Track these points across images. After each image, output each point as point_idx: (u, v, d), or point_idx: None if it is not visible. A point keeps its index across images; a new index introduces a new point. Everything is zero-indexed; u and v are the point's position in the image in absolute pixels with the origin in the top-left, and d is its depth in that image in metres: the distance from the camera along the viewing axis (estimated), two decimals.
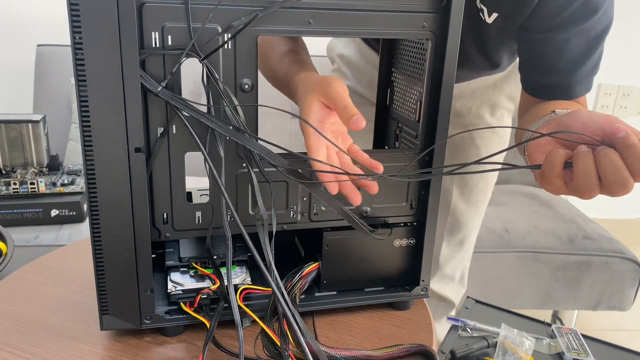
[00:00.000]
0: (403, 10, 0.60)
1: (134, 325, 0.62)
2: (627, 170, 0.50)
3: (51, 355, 0.61)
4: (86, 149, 0.54)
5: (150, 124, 0.57)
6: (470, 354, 0.74)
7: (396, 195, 0.68)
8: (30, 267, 0.79)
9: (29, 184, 1.43)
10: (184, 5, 0.54)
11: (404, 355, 0.63)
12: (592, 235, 1.66)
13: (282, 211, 0.65)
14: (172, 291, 0.64)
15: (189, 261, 0.67)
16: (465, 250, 1.11)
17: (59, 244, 1.38)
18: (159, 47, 0.54)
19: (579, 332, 0.79)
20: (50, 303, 0.70)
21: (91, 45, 0.51)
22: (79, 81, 0.52)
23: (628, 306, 1.67)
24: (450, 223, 1.05)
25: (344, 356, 0.60)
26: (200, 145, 0.57)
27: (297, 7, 0.57)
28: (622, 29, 2.10)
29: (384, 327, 0.68)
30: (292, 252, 0.75)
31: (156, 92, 0.55)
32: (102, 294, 0.60)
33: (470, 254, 1.14)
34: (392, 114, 0.77)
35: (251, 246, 0.56)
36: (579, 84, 0.73)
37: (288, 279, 0.66)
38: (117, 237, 0.58)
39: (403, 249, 0.70)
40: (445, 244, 1.07)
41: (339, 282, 0.70)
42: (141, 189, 0.57)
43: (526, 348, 0.73)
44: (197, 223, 0.63)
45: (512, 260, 1.60)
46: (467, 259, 1.14)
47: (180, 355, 0.62)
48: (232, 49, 0.57)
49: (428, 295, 0.72)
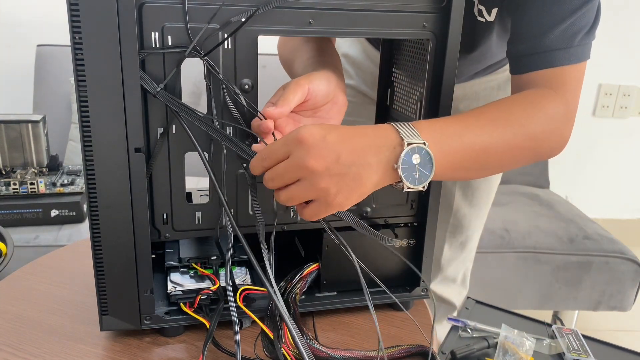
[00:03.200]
0: (403, 11, 0.60)
1: (133, 325, 0.62)
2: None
3: (51, 356, 0.61)
4: (86, 149, 0.54)
5: (150, 124, 0.57)
6: (470, 354, 0.73)
7: (397, 195, 0.68)
8: (30, 267, 0.79)
9: (28, 184, 1.43)
10: (183, 5, 0.54)
11: (404, 356, 0.63)
12: (592, 236, 1.66)
13: (282, 211, 0.65)
14: (172, 292, 0.64)
15: (189, 262, 0.67)
16: (467, 252, 1.11)
17: (58, 244, 1.38)
18: (158, 47, 0.54)
19: (580, 333, 0.78)
20: (50, 303, 0.70)
21: (91, 45, 0.51)
22: (79, 81, 0.52)
23: (629, 306, 1.67)
24: (453, 225, 1.05)
25: (344, 357, 0.60)
26: (199, 148, 0.57)
27: (297, 7, 0.57)
28: (623, 29, 2.10)
29: (384, 328, 0.68)
30: (292, 253, 0.74)
31: (154, 93, 0.55)
32: (101, 294, 0.60)
33: (472, 256, 1.14)
34: (393, 113, 0.77)
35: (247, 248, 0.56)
36: (558, 50, 0.67)
37: (288, 280, 0.66)
38: (117, 237, 0.58)
39: (403, 250, 0.70)
40: (447, 246, 1.07)
41: (339, 282, 0.69)
42: (141, 190, 0.57)
43: (526, 348, 0.72)
44: (197, 223, 0.63)
45: (513, 261, 1.60)
46: (470, 261, 1.14)
47: (180, 355, 0.62)
48: (232, 49, 0.57)
49: (428, 295, 0.72)
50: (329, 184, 0.53)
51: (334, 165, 0.53)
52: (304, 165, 0.52)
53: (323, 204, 0.54)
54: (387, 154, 0.55)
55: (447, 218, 1.03)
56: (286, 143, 0.54)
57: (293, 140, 0.53)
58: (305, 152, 0.52)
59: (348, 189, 0.54)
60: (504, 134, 0.62)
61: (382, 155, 0.55)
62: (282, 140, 0.55)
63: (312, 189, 0.53)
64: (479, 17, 0.76)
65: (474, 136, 0.60)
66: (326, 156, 0.53)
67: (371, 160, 0.54)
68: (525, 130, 0.63)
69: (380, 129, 0.57)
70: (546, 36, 0.66)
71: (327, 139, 0.53)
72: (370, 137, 0.55)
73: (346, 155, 0.53)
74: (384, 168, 0.55)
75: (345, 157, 0.53)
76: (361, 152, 0.54)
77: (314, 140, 0.53)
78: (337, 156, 0.53)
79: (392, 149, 0.55)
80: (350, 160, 0.53)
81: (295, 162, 0.53)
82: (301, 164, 0.52)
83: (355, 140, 0.54)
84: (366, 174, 0.54)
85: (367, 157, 0.54)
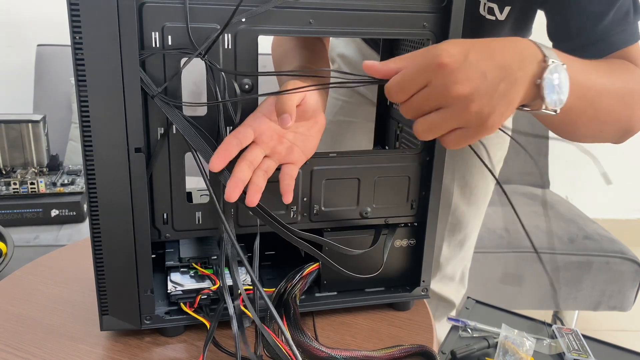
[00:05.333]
0: (403, 10, 0.60)
1: (134, 325, 0.62)
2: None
3: (51, 356, 0.61)
4: (86, 149, 0.54)
5: (150, 124, 0.57)
6: (470, 354, 0.73)
7: (397, 195, 0.68)
8: (30, 267, 0.79)
9: (29, 184, 1.43)
10: (183, 5, 0.54)
11: (404, 356, 0.63)
12: (592, 236, 1.66)
13: (282, 211, 0.65)
14: (172, 291, 0.64)
15: (189, 261, 0.67)
16: (465, 250, 1.11)
17: (59, 244, 1.38)
18: (159, 47, 0.54)
19: (580, 333, 0.78)
20: (50, 303, 0.70)
21: (91, 45, 0.51)
22: (79, 81, 0.52)
23: (629, 306, 1.67)
24: (451, 223, 1.05)
25: (344, 357, 0.59)
26: (196, 151, 0.56)
27: (297, 6, 0.57)
28: None
29: (384, 328, 0.68)
30: (293, 253, 0.74)
31: (152, 95, 0.55)
32: (102, 294, 0.60)
33: (470, 254, 1.14)
34: (393, 114, 0.77)
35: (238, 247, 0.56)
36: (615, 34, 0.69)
37: (288, 280, 0.66)
38: (117, 237, 0.58)
39: (403, 250, 0.70)
40: (446, 244, 1.07)
41: (339, 282, 0.69)
42: (141, 189, 0.57)
43: (527, 348, 0.72)
44: (197, 223, 0.63)
45: (513, 261, 1.60)
46: (468, 259, 1.14)
47: (180, 355, 0.62)
48: (233, 49, 0.57)
49: (429, 295, 0.72)
50: (481, 106, 0.49)
51: (482, 84, 0.49)
52: (450, 93, 0.49)
53: (474, 127, 0.51)
54: (531, 67, 0.52)
55: (445, 217, 1.04)
56: (424, 69, 0.50)
57: (432, 66, 0.49)
58: (449, 78, 0.49)
59: (500, 107, 0.50)
60: (616, 82, 0.63)
61: (527, 69, 0.52)
62: (417, 65, 0.50)
63: (461, 116, 0.50)
64: (488, 16, 0.75)
65: (596, 77, 0.60)
66: (473, 78, 0.49)
67: (517, 74, 0.51)
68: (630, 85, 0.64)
69: (520, 43, 0.53)
70: (601, 23, 0.67)
71: (470, 58, 0.49)
72: (513, 50, 0.52)
73: (493, 72, 0.50)
74: (529, 82, 0.52)
75: (492, 74, 0.50)
76: (508, 67, 0.51)
77: (456, 62, 0.49)
78: (484, 74, 0.49)
79: (536, 64, 0.52)
80: (498, 77, 0.50)
81: (438, 91, 0.49)
82: (446, 92, 0.49)
83: (499, 55, 0.51)
84: (514, 89, 0.51)
85: (514, 72, 0.51)
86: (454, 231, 1.06)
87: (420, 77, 0.50)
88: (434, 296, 1.12)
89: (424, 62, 0.50)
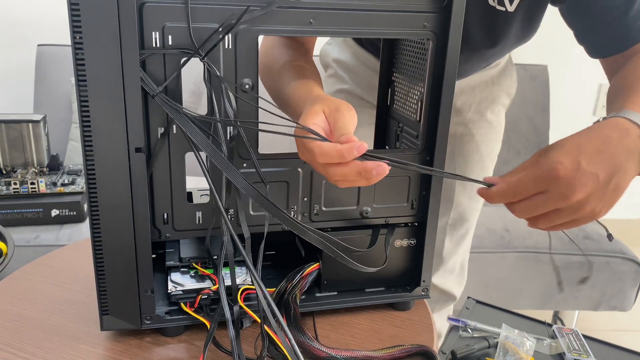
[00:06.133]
0: (404, 10, 0.60)
1: (134, 325, 0.62)
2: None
3: (51, 356, 0.61)
4: (86, 149, 0.54)
5: (150, 124, 0.57)
6: (471, 354, 0.74)
7: (397, 195, 0.68)
8: (31, 267, 0.79)
9: (29, 183, 1.43)
10: (184, 5, 0.54)
11: (404, 356, 0.63)
12: (593, 236, 1.66)
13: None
14: (173, 291, 0.64)
15: (190, 261, 0.67)
16: (466, 242, 1.13)
17: (59, 244, 1.38)
18: (159, 47, 0.54)
19: (580, 333, 0.78)
20: (50, 303, 0.70)
21: (91, 45, 0.51)
22: (79, 81, 0.52)
23: (629, 306, 1.67)
24: (453, 218, 1.07)
25: (345, 357, 0.60)
26: (196, 151, 0.56)
27: (297, 6, 0.57)
28: None
29: (384, 328, 0.68)
30: (293, 253, 0.74)
31: (152, 95, 0.54)
32: (102, 294, 0.60)
33: (469, 246, 1.16)
34: (393, 114, 0.77)
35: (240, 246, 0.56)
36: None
37: (289, 279, 0.66)
38: (118, 237, 0.58)
39: (404, 250, 0.70)
40: (448, 238, 1.09)
41: (339, 282, 0.69)
42: (141, 189, 0.57)
43: (527, 348, 0.73)
44: (198, 223, 0.63)
45: (513, 261, 1.60)
46: (467, 251, 1.16)
47: (180, 355, 0.62)
48: (233, 49, 0.57)
49: (429, 295, 0.72)
50: (594, 206, 0.54)
51: (595, 187, 0.53)
52: (567, 201, 0.53)
53: (583, 220, 0.56)
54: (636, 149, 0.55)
55: (447, 212, 1.05)
56: (540, 180, 0.54)
57: (548, 178, 0.53)
58: (566, 187, 0.53)
59: (610, 200, 0.55)
60: None
61: (634, 155, 0.55)
62: (533, 176, 0.55)
63: (575, 214, 0.55)
64: (498, 6, 0.76)
65: None
66: (587, 184, 0.53)
67: (627, 166, 0.55)
68: None
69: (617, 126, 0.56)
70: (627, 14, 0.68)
71: (582, 165, 0.53)
72: (614, 140, 0.55)
73: (604, 172, 0.54)
74: (637, 163, 0.56)
75: (604, 174, 0.54)
76: (617, 161, 0.55)
77: (570, 172, 0.53)
78: (596, 177, 0.53)
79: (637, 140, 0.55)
80: (609, 175, 0.54)
81: (556, 198, 0.54)
82: (564, 200, 0.53)
83: (604, 153, 0.54)
84: (624, 180, 0.55)
85: (623, 164, 0.55)
86: (456, 226, 1.08)
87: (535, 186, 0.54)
88: (435, 290, 1.13)
89: (540, 174, 0.54)
